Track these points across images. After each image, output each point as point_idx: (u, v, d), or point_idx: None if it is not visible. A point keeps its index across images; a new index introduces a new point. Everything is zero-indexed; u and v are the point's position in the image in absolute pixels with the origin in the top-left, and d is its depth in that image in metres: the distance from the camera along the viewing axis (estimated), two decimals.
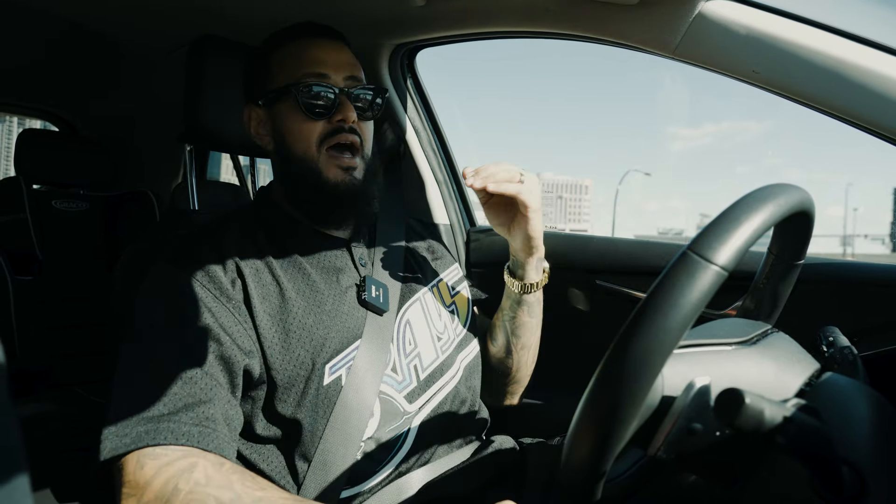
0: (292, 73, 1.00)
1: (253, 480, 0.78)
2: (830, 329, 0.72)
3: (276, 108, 1.03)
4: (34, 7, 1.57)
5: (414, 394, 1.01)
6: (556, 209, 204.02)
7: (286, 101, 1.01)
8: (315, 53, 1.02)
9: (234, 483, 0.75)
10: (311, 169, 1.00)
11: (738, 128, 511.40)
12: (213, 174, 2.50)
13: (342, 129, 1.00)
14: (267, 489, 0.77)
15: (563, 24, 1.21)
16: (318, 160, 1.00)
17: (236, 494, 0.73)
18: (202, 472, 0.75)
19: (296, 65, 1.01)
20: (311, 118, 0.99)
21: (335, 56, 1.03)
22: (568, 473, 0.54)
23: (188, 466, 0.75)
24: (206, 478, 0.74)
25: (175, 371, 0.82)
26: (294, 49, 1.03)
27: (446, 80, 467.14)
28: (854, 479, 0.49)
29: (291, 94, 0.99)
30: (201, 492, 0.73)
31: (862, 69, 0.87)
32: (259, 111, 1.05)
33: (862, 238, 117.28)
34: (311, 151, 1.00)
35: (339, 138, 1.00)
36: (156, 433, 0.77)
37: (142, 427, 0.77)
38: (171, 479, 0.73)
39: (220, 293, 0.90)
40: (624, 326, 0.51)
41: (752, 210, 0.54)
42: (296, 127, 1.00)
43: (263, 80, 1.04)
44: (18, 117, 3.23)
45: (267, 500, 0.74)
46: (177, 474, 0.74)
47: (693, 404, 0.55)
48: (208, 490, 0.73)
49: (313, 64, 1.01)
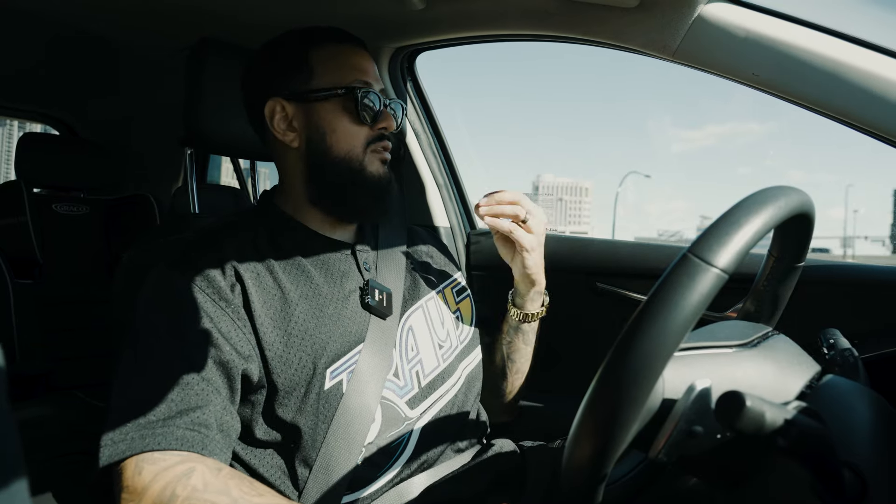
0: (342, 76, 1.02)
1: (251, 486, 0.78)
2: (831, 331, 0.72)
3: (319, 106, 1.02)
4: (35, 11, 1.57)
5: (415, 399, 1.01)
6: (557, 211, 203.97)
7: (333, 102, 1.01)
8: (360, 61, 1.05)
9: (231, 489, 0.75)
10: (353, 168, 1.02)
11: (742, 130, 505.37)
12: (214, 178, 2.50)
13: (384, 137, 1.05)
14: (265, 494, 0.77)
15: (562, 26, 1.21)
16: (362, 159, 1.03)
17: (233, 500, 0.74)
18: (199, 477, 0.75)
19: (344, 68, 1.03)
20: (361, 122, 1.02)
21: (372, 68, 1.07)
22: (569, 476, 0.54)
23: (186, 472, 0.75)
24: (203, 483, 0.74)
25: (171, 376, 0.82)
26: (338, 52, 1.04)
27: (446, 83, 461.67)
28: (855, 481, 0.49)
29: (346, 96, 1.01)
30: (199, 497, 0.73)
31: (861, 71, 0.87)
32: (288, 106, 1.03)
33: (862, 240, 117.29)
34: (357, 152, 1.02)
35: (382, 144, 1.04)
36: (151, 438, 0.77)
37: (137, 433, 0.78)
38: (169, 484, 0.73)
39: (219, 297, 0.89)
40: (624, 329, 0.51)
41: (753, 212, 0.54)
42: (343, 128, 1.01)
43: (299, 74, 1.03)
44: (19, 121, 3.22)
45: (261, 502, 0.74)
46: (174, 480, 0.74)
47: (694, 407, 0.54)
48: (206, 496, 0.73)
49: (360, 72, 1.03)
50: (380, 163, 1.04)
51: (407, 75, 1.63)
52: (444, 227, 1.68)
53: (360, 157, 1.02)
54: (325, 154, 1.02)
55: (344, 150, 1.02)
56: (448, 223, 1.69)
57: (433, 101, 1.68)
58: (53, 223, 2.23)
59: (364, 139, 1.03)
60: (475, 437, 1.10)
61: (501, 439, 1.12)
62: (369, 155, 1.03)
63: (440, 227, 1.67)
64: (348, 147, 1.02)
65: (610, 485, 0.62)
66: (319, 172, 1.03)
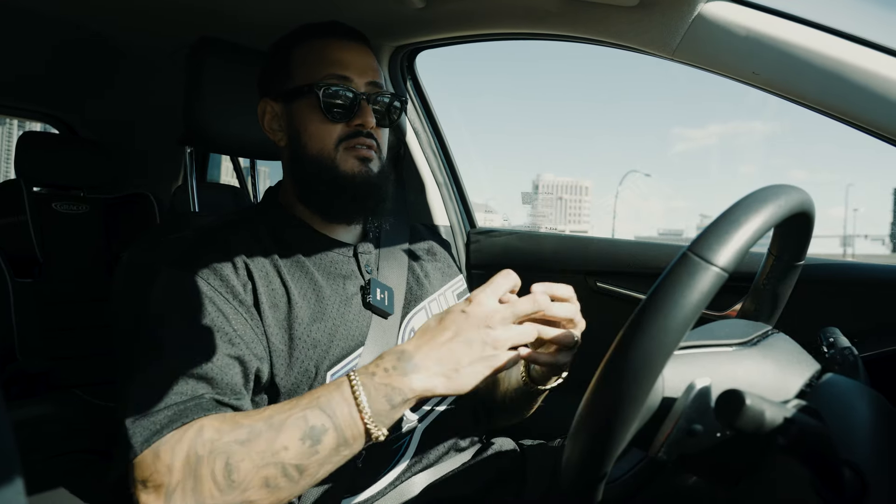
0: (315, 72, 0.99)
1: (256, 412, 0.78)
2: (831, 330, 0.72)
3: (295, 104, 1.01)
4: (35, 10, 1.57)
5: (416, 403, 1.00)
6: (557, 210, 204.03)
7: (306, 100, 0.99)
8: (340, 55, 1.01)
9: (240, 421, 0.75)
10: (326, 166, 0.99)
11: (744, 128, 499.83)
12: (213, 176, 2.50)
13: (360, 134, 1.00)
14: (267, 409, 0.77)
15: (562, 25, 1.21)
16: (334, 157, 0.99)
17: (249, 428, 0.74)
18: (210, 429, 0.74)
19: (319, 64, 1.00)
20: (331, 120, 0.98)
21: (359, 60, 1.02)
22: (569, 475, 0.54)
23: (196, 432, 0.74)
24: (216, 432, 0.74)
25: (187, 375, 0.81)
26: (318, 47, 1.01)
27: (446, 82, 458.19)
28: (855, 479, 0.49)
29: (312, 93, 0.98)
30: (219, 446, 0.73)
31: (861, 70, 0.87)
32: (275, 106, 1.04)
33: (862, 238, 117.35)
34: (327, 151, 0.99)
35: (357, 141, 1.00)
36: (161, 425, 0.76)
37: (153, 426, 0.76)
38: (189, 451, 0.73)
39: (233, 297, 0.88)
40: (624, 328, 0.51)
41: (753, 211, 0.54)
42: (313, 127, 0.99)
43: (283, 74, 1.02)
44: (19, 120, 3.21)
45: (273, 415, 0.75)
46: (191, 445, 0.73)
47: (694, 405, 0.55)
48: (224, 440, 0.73)
49: (337, 65, 1.00)
50: (356, 161, 0.99)
51: (407, 74, 1.63)
52: (444, 226, 1.68)
53: (332, 155, 0.99)
54: (302, 153, 1.01)
55: (315, 150, 0.99)
56: (448, 222, 1.69)
57: (433, 99, 1.68)
58: (53, 222, 2.23)
59: (336, 137, 0.99)
60: (475, 436, 1.10)
61: (501, 438, 1.12)
62: (342, 153, 0.99)
63: (440, 225, 1.67)
64: (319, 146, 0.99)
65: (609, 483, 0.62)
66: (301, 171, 1.02)
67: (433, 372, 0.76)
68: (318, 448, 0.74)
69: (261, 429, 0.74)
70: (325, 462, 0.75)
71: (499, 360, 0.76)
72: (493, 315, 0.76)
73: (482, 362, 0.76)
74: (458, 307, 0.78)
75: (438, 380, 0.76)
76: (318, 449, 0.74)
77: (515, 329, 0.77)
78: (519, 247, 1.61)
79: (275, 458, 0.73)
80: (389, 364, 0.77)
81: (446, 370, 0.76)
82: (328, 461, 0.75)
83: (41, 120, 2.74)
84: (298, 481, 0.74)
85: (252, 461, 0.72)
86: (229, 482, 0.71)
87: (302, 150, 1.01)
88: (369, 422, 0.74)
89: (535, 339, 0.80)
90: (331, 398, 0.75)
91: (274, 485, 0.73)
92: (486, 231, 1.68)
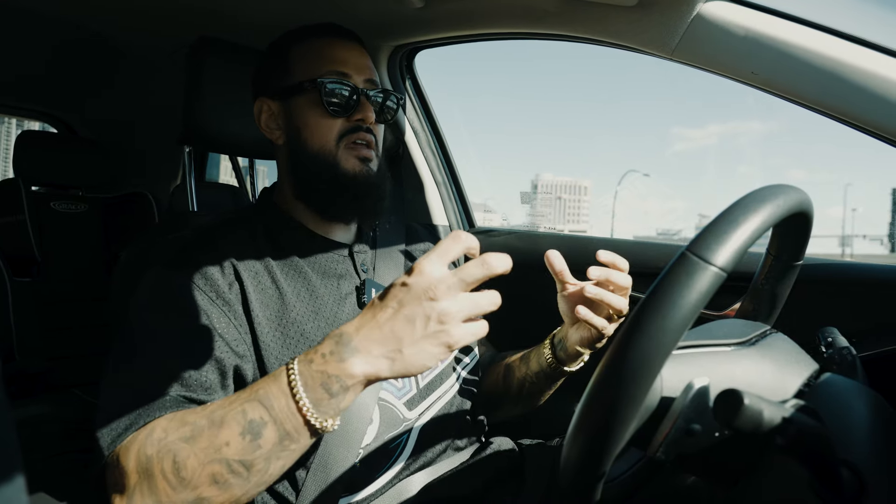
0: (314, 69, 1.00)
1: (202, 407, 0.76)
2: (829, 330, 0.72)
3: (294, 102, 1.02)
4: (35, 10, 1.57)
5: (413, 401, 1.01)
6: (556, 210, 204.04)
7: (305, 96, 1.00)
8: (338, 52, 1.02)
9: (186, 418, 0.74)
10: (327, 163, 1.00)
11: (743, 128, 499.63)
12: (212, 176, 2.50)
13: (360, 129, 1.01)
14: (212, 404, 0.76)
15: (561, 25, 1.21)
16: (335, 154, 1.00)
17: (192, 425, 0.73)
18: (160, 430, 0.74)
19: (318, 61, 1.01)
20: (331, 115, 0.99)
21: (357, 58, 1.04)
22: (567, 474, 0.54)
23: (147, 433, 0.74)
24: (164, 431, 0.73)
25: (162, 373, 0.81)
26: (317, 45, 1.03)
27: (445, 82, 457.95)
28: (853, 479, 0.49)
29: (313, 89, 0.99)
30: (166, 444, 0.72)
31: (860, 70, 0.87)
32: (272, 104, 1.04)
33: (861, 238, 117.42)
34: (329, 147, 1.00)
35: (357, 136, 1.01)
36: (123, 428, 0.76)
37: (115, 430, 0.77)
38: (139, 452, 0.73)
39: (217, 296, 0.89)
40: (623, 327, 0.51)
41: (751, 211, 0.54)
42: (314, 122, 1.00)
43: (281, 73, 1.03)
44: (17, 119, 3.21)
45: (215, 410, 0.73)
46: (141, 446, 0.73)
47: (692, 405, 0.55)
48: (169, 439, 0.72)
49: (336, 62, 1.01)
50: (356, 160, 1.00)
51: (406, 73, 1.63)
52: (443, 226, 1.68)
53: (334, 151, 1.00)
54: (302, 150, 1.01)
55: (317, 145, 1.00)
56: (447, 221, 1.69)
57: (432, 99, 1.68)
58: (52, 221, 2.23)
59: (336, 132, 1.00)
60: (474, 435, 1.10)
61: (500, 437, 1.12)
62: (343, 150, 1.00)
63: (439, 225, 1.67)
64: (321, 141, 1.00)
65: (608, 483, 0.62)
66: (300, 169, 1.02)
67: (375, 354, 0.68)
68: (259, 443, 0.70)
69: (203, 425, 0.72)
70: (272, 457, 0.71)
71: (450, 336, 0.66)
72: (438, 285, 0.66)
73: (428, 340, 0.66)
74: (401, 279, 0.68)
75: (381, 362, 0.68)
76: (260, 443, 0.70)
77: (466, 299, 0.67)
78: (518, 246, 1.61)
79: (218, 455, 0.70)
80: (327, 349, 0.69)
81: (388, 351, 0.67)
82: (275, 455, 0.71)
83: (40, 119, 2.74)
84: (248, 477, 0.71)
85: (197, 458, 0.70)
86: (179, 479, 0.70)
87: (302, 147, 1.01)
88: (308, 413, 0.69)
89: (489, 309, 0.69)
90: (269, 390, 0.71)
91: (223, 481, 0.71)
92: (485, 231, 1.68)
